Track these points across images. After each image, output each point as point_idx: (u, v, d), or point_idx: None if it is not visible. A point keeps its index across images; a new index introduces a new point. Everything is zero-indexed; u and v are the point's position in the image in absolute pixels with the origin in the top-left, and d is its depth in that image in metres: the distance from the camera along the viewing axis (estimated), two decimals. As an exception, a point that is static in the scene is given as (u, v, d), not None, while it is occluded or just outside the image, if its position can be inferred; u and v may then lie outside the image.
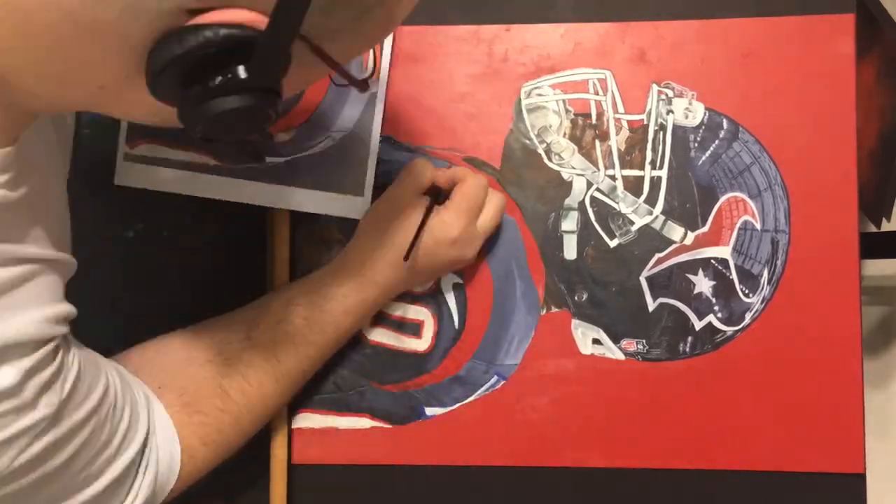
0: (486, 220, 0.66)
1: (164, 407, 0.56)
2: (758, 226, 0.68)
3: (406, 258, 0.61)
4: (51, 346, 0.44)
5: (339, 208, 0.67)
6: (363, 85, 0.46)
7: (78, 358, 0.47)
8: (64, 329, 0.46)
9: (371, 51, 0.69)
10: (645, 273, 0.69)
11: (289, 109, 0.67)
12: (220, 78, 0.37)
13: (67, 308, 0.47)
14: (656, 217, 0.69)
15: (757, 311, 0.68)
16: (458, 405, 0.69)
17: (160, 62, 0.36)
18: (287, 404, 0.66)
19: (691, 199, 0.69)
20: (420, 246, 0.63)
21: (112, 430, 0.49)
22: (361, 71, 0.69)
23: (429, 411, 0.69)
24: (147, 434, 0.53)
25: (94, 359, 0.51)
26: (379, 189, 0.67)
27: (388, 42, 0.69)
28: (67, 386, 0.45)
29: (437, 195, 0.66)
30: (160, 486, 0.54)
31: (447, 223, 0.64)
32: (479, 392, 0.69)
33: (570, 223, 0.69)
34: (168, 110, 0.39)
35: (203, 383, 0.58)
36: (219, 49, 0.35)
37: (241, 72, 0.37)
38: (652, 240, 0.69)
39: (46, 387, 0.43)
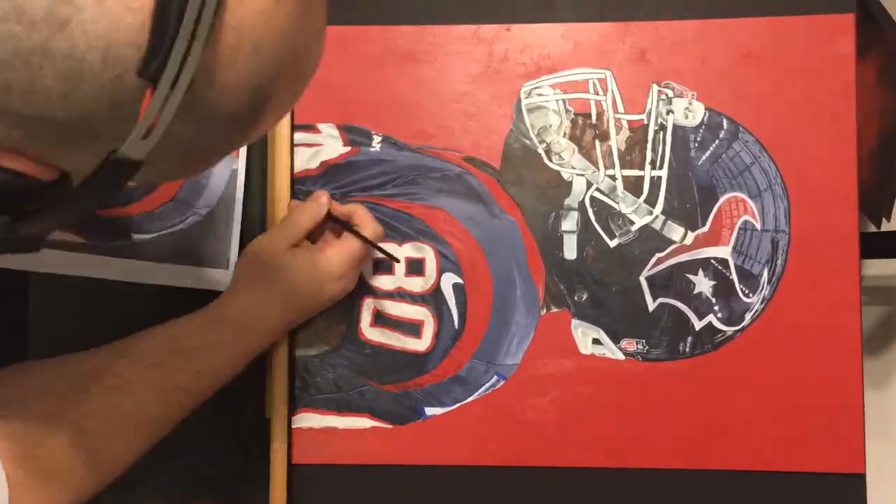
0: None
1: None
2: (758, 226, 0.68)
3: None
4: None
5: (205, 281, 0.68)
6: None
7: None
8: None
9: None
10: (645, 273, 0.69)
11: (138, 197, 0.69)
12: None
13: None
14: (656, 217, 0.69)
15: (757, 311, 0.68)
16: (457, 405, 0.69)
17: None
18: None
19: (691, 199, 0.69)
20: (302, 284, 0.64)
21: None
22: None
23: (429, 411, 0.69)
24: None
25: None
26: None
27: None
28: None
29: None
30: None
31: (332, 262, 0.64)
32: (479, 392, 0.69)
33: (570, 223, 0.69)
34: None
35: (47, 419, 0.52)
36: None
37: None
38: (652, 240, 0.69)
39: None
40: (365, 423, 0.69)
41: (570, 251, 0.69)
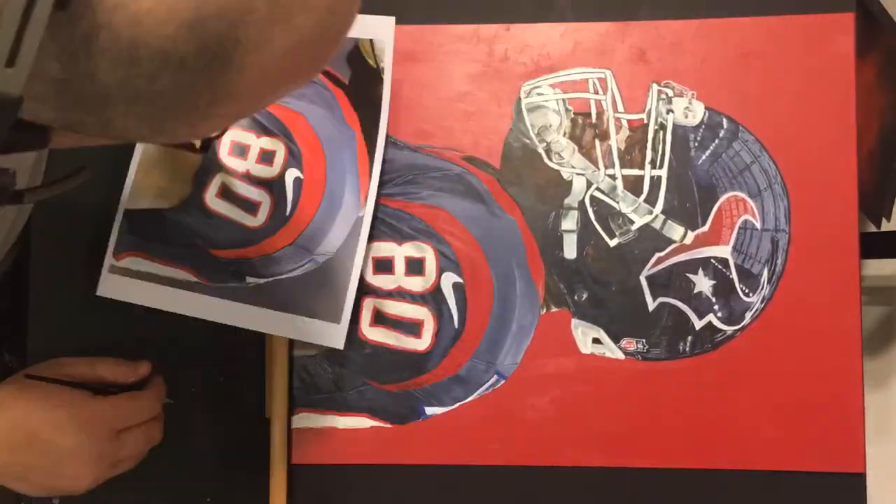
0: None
1: None
2: (758, 225, 0.68)
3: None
4: None
5: (315, 335, 0.65)
6: (190, 148, 0.39)
7: None
8: None
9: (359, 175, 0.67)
10: (645, 272, 0.69)
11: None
12: None
13: None
14: (656, 216, 0.69)
15: (757, 310, 0.68)
16: (457, 405, 0.69)
17: None
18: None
19: (691, 199, 0.69)
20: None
21: None
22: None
23: (429, 411, 0.69)
24: None
25: None
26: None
27: (376, 164, 0.67)
28: None
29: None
30: None
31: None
32: (478, 391, 0.69)
33: (569, 222, 0.69)
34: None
35: None
36: None
37: None
38: (652, 239, 0.69)
39: None
40: (365, 422, 0.69)
41: (569, 250, 0.69)
